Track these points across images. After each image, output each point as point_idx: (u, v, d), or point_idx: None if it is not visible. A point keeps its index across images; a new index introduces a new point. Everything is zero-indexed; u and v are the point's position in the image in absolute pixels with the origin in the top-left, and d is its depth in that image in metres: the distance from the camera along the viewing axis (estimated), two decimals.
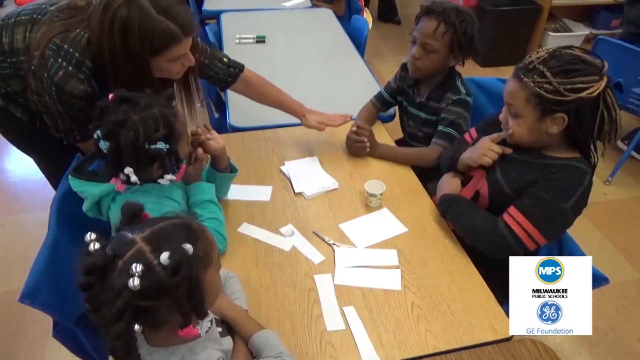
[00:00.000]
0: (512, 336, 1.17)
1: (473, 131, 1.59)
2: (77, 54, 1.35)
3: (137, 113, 1.13)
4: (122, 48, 1.30)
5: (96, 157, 1.27)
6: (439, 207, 1.48)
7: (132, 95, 1.15)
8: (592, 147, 1.27)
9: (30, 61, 1.40)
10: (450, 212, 1.43)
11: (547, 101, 1.17)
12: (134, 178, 1.16)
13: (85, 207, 1.26)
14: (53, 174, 1.83)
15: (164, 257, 0.77)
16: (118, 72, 1.36)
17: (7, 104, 1.57)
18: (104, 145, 1.14)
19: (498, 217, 1.32)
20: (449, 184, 1.52)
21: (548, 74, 1.16)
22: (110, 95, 1.15)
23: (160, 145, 1.14)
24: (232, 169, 1.51)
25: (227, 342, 1.02)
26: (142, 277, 0.75)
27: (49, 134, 1.57)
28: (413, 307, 1.24)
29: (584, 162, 1.27)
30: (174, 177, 1.23)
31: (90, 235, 0.80)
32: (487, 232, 1.32)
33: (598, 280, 1.19)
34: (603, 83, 1.15)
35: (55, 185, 1.86)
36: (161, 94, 1.24)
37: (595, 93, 1.15)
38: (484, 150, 1.40)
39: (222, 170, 1.46)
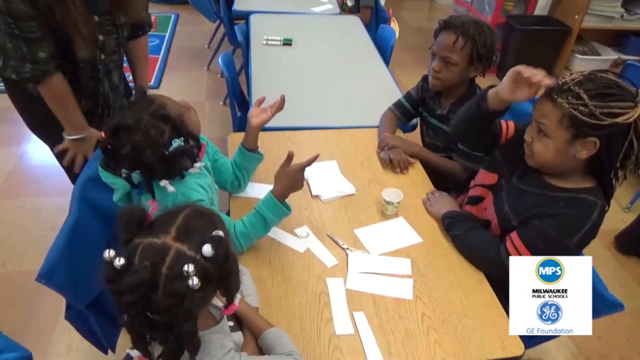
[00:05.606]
0: (521, 355, 1.16)
1: (511, 125, 1.48)
2: None
3: (137, 132, 1.12)
4: None
5: None
6: (442, 222, 1.48)
7: (118, 121, 1.13)
8: (613, 176, 1.23)
9: None
10: (453, 230, 1.43)
11: (581, 123, 1.13)
12: (170, 189, 1.18)
13: (116, 197, 1.28)
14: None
15: (207, 249, 0.78)
16: None
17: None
18: (137, 176, 1.17)
19: (501, 245, 1.31)
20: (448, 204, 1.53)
21: (584, 95, 1.11)
22: (102, 133, 1.15)
23: (177, 142, 1.16)
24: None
25: (237, 336, 1.03)
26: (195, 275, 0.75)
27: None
28: (423, 318, 1.23)
29: (595, 193, 1.23)
30: (202, 163, 1.26)
31: (109, 252, 0.76)
32: (489, 257, 1.33)
33: (613, 306, 1.18)
34: (638, 110, 1.12)
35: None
36: (134, 92, 1.22)
37: (631, 119, 1.11)
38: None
39: (252, 150, 1.53)
